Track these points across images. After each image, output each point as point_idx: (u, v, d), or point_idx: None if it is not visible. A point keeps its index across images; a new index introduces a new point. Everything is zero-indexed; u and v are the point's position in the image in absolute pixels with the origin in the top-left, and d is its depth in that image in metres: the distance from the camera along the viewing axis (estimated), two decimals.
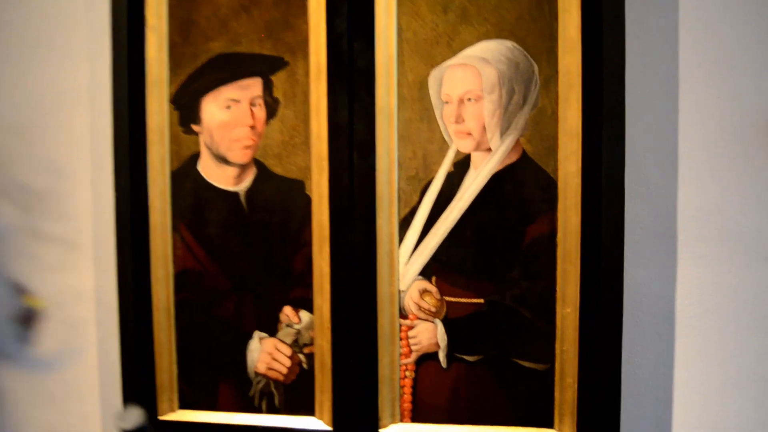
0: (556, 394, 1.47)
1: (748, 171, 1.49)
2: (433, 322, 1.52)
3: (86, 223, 1.79)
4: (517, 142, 1.46)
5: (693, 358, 1.52)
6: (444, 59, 1.48)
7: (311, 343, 1.58)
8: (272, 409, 1.61)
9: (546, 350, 1.47)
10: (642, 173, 1.51)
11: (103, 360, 1.80)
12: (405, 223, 1.51)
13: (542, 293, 1.46)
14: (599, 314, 1.43)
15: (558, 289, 1.45)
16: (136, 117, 1.62)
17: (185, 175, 1.62)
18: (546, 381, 1.48)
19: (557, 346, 1.46)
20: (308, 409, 1.59)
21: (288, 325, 1.59)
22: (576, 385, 1.46)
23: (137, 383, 1.65)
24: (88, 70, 1.76)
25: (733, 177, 1.50)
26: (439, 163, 1.49)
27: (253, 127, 1.57)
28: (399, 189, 1.51)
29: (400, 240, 1.51)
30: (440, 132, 1.49)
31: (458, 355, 1.51)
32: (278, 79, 1.55)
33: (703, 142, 1.50)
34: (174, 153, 1.62)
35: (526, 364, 1.48)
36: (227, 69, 1.58)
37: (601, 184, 1.41)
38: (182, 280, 1.63)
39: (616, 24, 1.39)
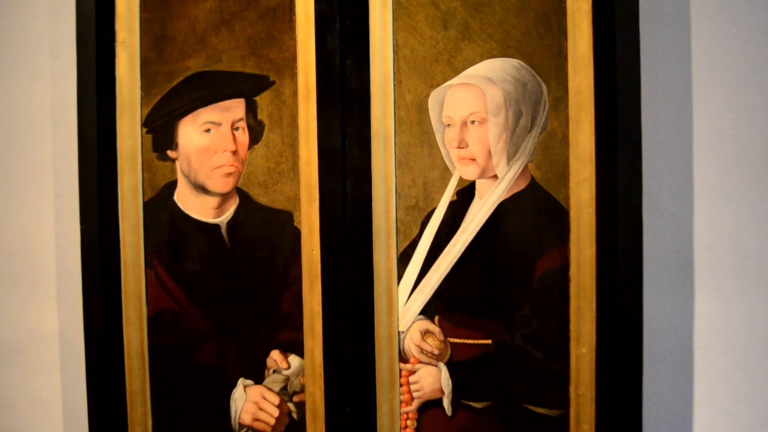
0: None
1: (766, 197, 1.43)
2: (436, 365, 1.42)
3: (49, 258, 1.65)
4: (525, 168, 1.37)
5: (715, 397, 1.46)
6: (445, 79, 1.39)
7: (302, 391, 1.47)
8: None
9: (560, 394, 1.38)
10: (655, 201, 1.47)
11: (68, 410, 1.65)
12: (404, 258, 1.42)
13: (555, 332, 1.38)
14: (617, 354, 1.36)
15: (572, 327, 1.37)
16: (105, 141, 1.49)
17: (160, 205, 1.50)
18: (560, 428, 1.39)
19: (572, 389, 1.38)
20: None
21: (276, 371, 1.47)
22: None
23: None
24: (51, 88, 1.64)
25: (751, 203, 1.45)
26: (440, 192, 1.40)
27: (235, 153, 1.45)
28: (397, 220, 1.41)
29: (399, 276, 1.42)
30: (442, 158, 1.40)
31: (464, 402, 1.42)
32: (263, 100, 1.45)
33: (718, 167, 1.46)
34: (147, 181, 1.50)
35: (539, 410, 1.40)
36: (206, 89, 1.46)
37: (617, 214, 1.34)
38: (157, 322, 1.51)
39: (631, 40, 1.32)
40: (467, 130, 1.38)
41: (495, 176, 1.38)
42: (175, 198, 1.49)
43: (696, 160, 1.44)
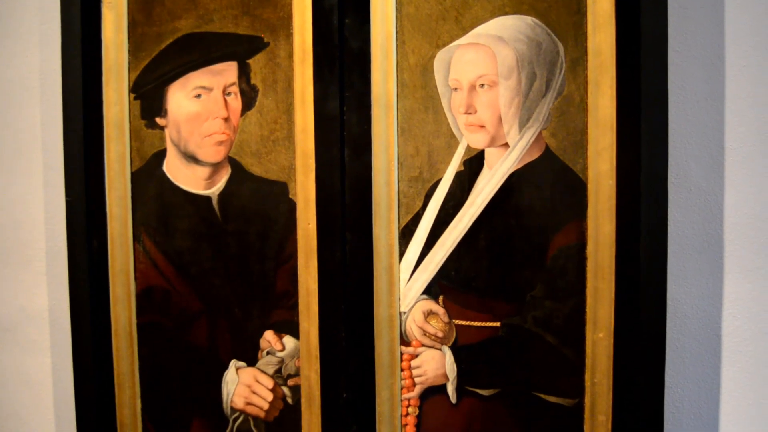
0: None
1: None
2: (440, 349, 1.34)
3: (38, 233, 1.59)
4: (539, 136, 1.28)
5: (743, 388, 1.37)
6: (452, 38, 1.29)
7: (297, 374, 1.40)
8: None
9: (574, 382, 1.30)
10: (683, 173, 1.37)
11: (58, 390, 1.60)
12: (407, 233, 1.33)
13: (569, 315, 1.29)
14: (637, 340, 1.26)
15: (588, 310, 1.28)
16: (91, 108, 1.42)
17: (148, 176, 1.42)
18: (574, 418, 1.30)
19: (587, 377, 1.29)
20: None
21: (269, 353, 1.40)
22: (609, 424, 1.29)
23: (94, 419, 1.46)
24: (39, 55, 1.57)
25: None
26: (446, 162, 1.31)
27: (227, 120, 1.38)
28: (399, 192, 1.33)
29: (401, 253, 1.34)
30: (448, 124, 1.31)
31: (470, 389, 1.34)
32: (256, 63, 1.36)
33: (753, 137, 1.35)
34: (135, 151, 1.43)
35: (551, 398, 1.31)
36: (196, 51, 1.38)
37: (639, 186, 1.24)
38: (146, 299, 1.44)
39: None
40: (476, 95, 1.28)
41: (506, 144, 1.28)
42: (164, 168, 1.41)
43: (728, 129, 1.34)
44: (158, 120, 1.41)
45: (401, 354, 1.35)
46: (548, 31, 1.26)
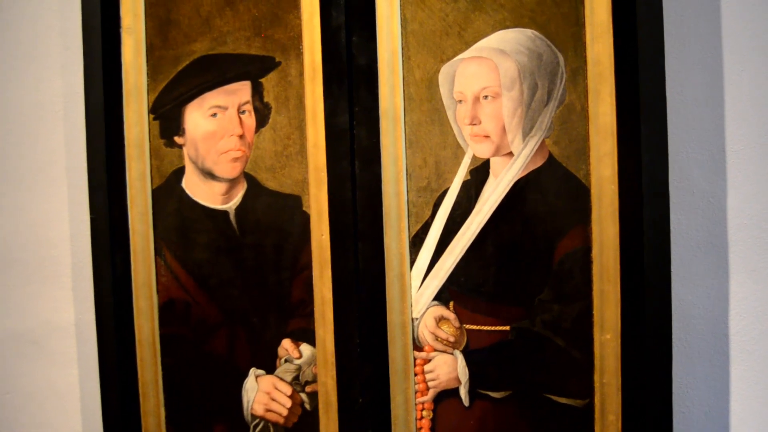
0: None
1: None
2: (452, 353, 1.36)
3: (64, 250, 1.64)
4: (543, 144, 1.30)
5: (752, 388, 1.38)
6: (456, 52, 1.33)
7: (314, 381, 1.42)
8: None
9: (583, 383, 1.31)
10: (685, 177, 1.38)
11: (85, 402, 1.64)
12: (417, 241, 1.36)
13: (577, 318, 1.30)
14: (644, 341, 1.28)
15: (595, 312, 1.29)
16: (113, 129, 1.47)
17: (168, 192, 1.47)
18: (584, 419, 1.31)
19: (596, 378, 1.30)
20: None
21: (287, 361, 1.43)
22: (619, 423, 1.30)
23: (120, 428, 1.49)
24: (62, 80, 1.63)
25: None
26: (453, 171, 1.34)
27: (242, 137, 1.41)
28: (409, 202, 1.35)
29: (412, 261, 1.36)
30: (454, 135, 1.34)
31: (482, 392, 1.35)
32: (269, 81, 1.40)
33: (753, 139, 1.37)
34: (155, 168, 1.47)
35: (561, 400, 1.32)
36: (211, 72, 1.43)
37: (641, 190, 1.26)
38: (168, 311, 1.48)
39: (653, 3, 1.24)
40: (480, 106, 1.31)
41: (510, 153, 1.31)
42: (183, 185, 1.46)
43: (728, 133, 1.35)
44: (176, 139, 1.45)
45: (414, 359, 1.37)
46: (548, 42, 1.29)
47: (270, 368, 1.44)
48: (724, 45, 1.34)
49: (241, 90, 1.41)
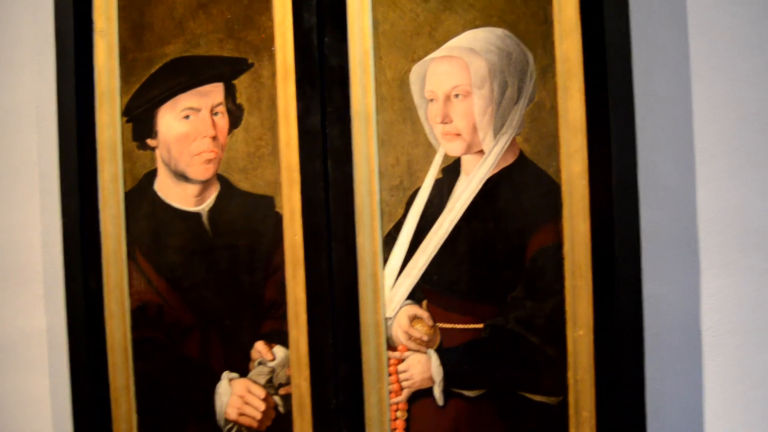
0: (571, 430, 1.31)
1: None
2: (425, 353, 1.36)
3: (36, 256, 1.62)
4: (513, 142, 1.31)
5: (724, 381, 1.37)
6: (426, 52, 1.34)
7: (288, 383, 1.41)
8: None
9: (557, 380, 1.31)
10: (654, 173, 1.38)
11: (56, 409, 1.61)
12: (389, 240, 1.36)
13: (550, 314, 1.31)
14: (616, 336, 1.28)
15: (568, 308, 1.30)
16: (85, 132, 1.47)
17: (141, 195, 1.46)
18: (559, 416, 1.31)
19: (570, 375, 1.30)
20: None
21: (260, 363, 1.42)
22: (594, 420, 1.30)
23: None
24: (35, 84, 1.62)
25: (757, 172, 1.37)
26: (425, 170, 1.35)
27: (214, 138, 1.42)
28: (381, 201, 1.36)
29: (385, 260, 1.36)
30: (425, 134, 1.35)
31: (456, 390, 1.35)
32: (241, 83, 1.41)
33: (721, 135, 1.38)
34: (128, 171, 1.47)
35: (535, 397, 1.32)
36: (185, 75, 1.43)
37: (611, 186, 1.28)
38: (140, 315, 1.46)
39: (620, 1, 1.24)
40: (451, 105, 1.32)
41: (481, 151, 1.32)
42: (156, 187, 1.45)
43: (697, 128, 1.36)
44: (149, 141, 1.45)
45: (388, 359, 1.36)
46: (517, 41, 1.31)
47: (243, 371, 1.43)
48: (692, 40, 1.35)
49: (214, 92, 1.42)
